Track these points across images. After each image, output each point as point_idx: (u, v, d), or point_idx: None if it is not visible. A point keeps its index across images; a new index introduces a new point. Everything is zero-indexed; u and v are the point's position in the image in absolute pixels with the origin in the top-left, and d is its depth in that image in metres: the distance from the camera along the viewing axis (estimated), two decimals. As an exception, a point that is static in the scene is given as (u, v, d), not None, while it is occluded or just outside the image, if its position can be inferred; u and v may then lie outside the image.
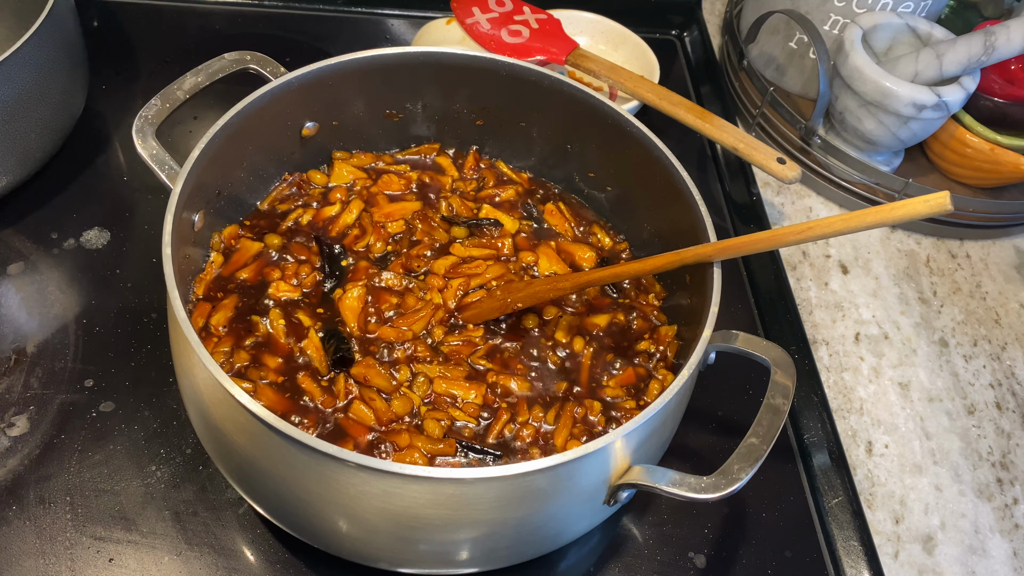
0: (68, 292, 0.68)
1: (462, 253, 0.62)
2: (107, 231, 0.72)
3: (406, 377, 0.55)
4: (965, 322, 0.78)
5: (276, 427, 0.43)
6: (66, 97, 0.73)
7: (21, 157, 0.70)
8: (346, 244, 0.62)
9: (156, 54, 0.88)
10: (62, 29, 0.70)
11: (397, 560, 0.51)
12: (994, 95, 0.81)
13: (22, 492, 0.57)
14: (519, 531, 0.49)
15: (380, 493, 0.44)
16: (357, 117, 0.65)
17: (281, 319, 0.56)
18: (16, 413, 0.61)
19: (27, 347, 0.64)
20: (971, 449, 0.70)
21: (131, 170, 0.77)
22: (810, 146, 0.85)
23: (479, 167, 0.69)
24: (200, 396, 0.49)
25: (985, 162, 0.81)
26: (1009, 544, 0.64)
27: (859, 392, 0.72)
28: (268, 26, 0.93)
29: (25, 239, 0.71)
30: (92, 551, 0.55)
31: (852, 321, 0.76)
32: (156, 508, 0.57)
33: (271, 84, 0.58)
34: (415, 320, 0.57)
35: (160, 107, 0.56)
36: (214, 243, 0.60)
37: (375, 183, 0.66)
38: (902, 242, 0.84)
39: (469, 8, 0.85)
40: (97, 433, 0.60)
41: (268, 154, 0.63)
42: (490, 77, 0.63)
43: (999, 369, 0.75)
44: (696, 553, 0.59)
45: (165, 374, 0.63)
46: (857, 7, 0.83)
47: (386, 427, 0.53)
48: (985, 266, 0.83)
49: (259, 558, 0.56)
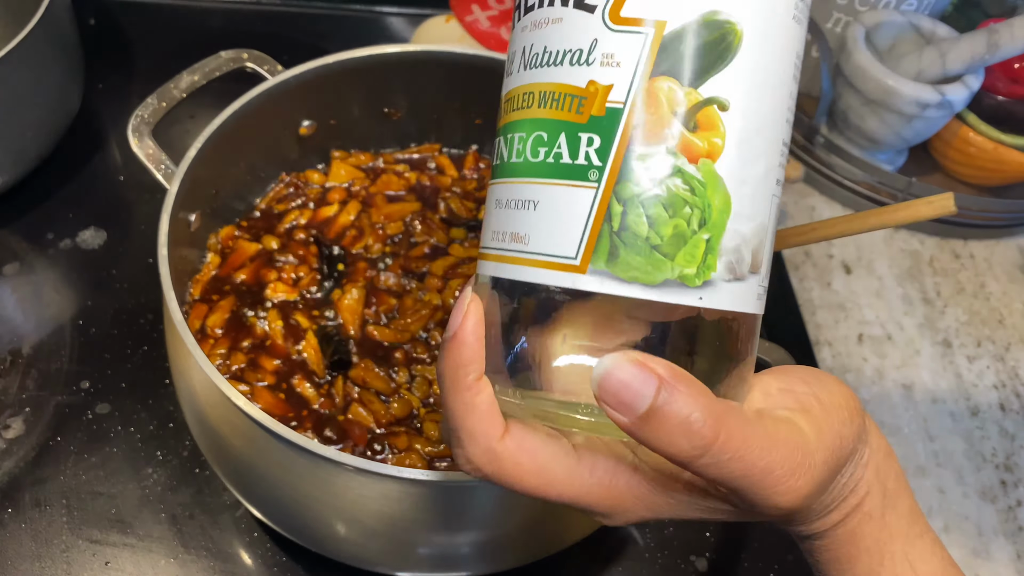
0: (64, 293, 0.67)
1: (461, 254, 0.61)
2: (103, 231, 0.72)
3: (405, 379, 0.55)
4: (969, 323, 0.78)
5: (273, 430, 0.42)
6: (62, 96, 0.73)
7: (16, 156, 0.69)
8: (344, 245, 0.61)
9: (152, 52, 0.87)
10: (58, 27, 0.69)
11: (395, 564, 0.50)
12: (998, 93, 0.81)
13: (17, 495, 0.57)
14: (519, 535, 0.48)
15: (378, 496, 0.44)
16: (355, 116, 0.65)
17: (279, 321, 0.56)
18: (11, 415, 0.60)
19: (22, 348, 0.64)
20: (975, 451, 0.69)
21: (127, 170, 0.77)
22: (813, 145, 0.84)
23: (479, 167, 0.68)
24: (196, 399, 0.48)
25: (989, 161, 0.81)
26: (1013, 547, 0.64)
27: (862, 393, 0.71)
28: (265, 24, 0.93)
29: (20, 239, 0.70)
30: (88, 554, 0.55)
31: (855, 322, 0.76)
32: (152, 511, 0.57)
33: (268, 83, 0.57)
34: (414, 321, 0.57)
35: (156, 106, 0.56)
36: (211, 244, 0.59)
37: (374, 183, 0.65)
38: (905, 242, 0.83)
39: (468, 6, 0.85)
40: (93, 435, 0.60)
41: (265, 153, 0.62)
42: (490, 75, 0.63)
43: (1003, 370, 0.75)
44: (697, 556, 0.59)
45: (161, 376, 0.63)
46: (860, 5, 0.82)
47: (385, 429, 0.52)
48: (989, 266, 0.83)
49: (256, 562, 0.55)
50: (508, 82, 0.29)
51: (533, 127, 0.27)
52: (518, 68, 0.28)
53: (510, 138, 0.28)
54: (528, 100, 0.27)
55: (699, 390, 0.24)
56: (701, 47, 0.25)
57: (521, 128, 0.27)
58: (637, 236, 0.25)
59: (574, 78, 0.26)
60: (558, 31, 0.26)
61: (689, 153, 0.25)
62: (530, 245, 0.26)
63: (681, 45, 0.25)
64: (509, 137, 0.28)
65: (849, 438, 0.28)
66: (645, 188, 0.25)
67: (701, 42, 0.25)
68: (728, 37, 0.25)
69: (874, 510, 0.30)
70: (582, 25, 0.26)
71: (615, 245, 0.25)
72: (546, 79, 0.27)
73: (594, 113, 0.25)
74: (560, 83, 0.26)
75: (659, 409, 0.23)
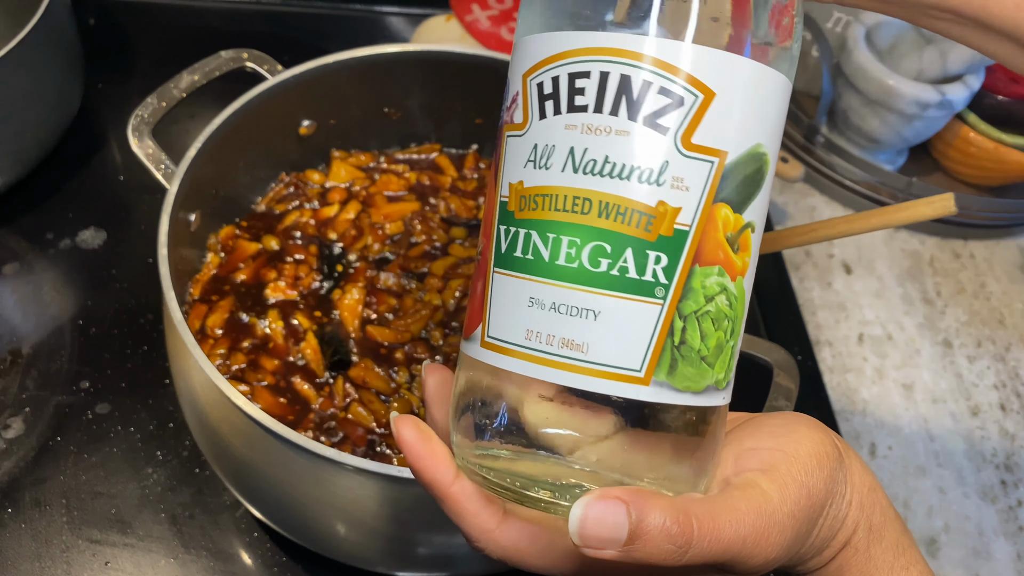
0: (64, 293, 0.67)
1: (461, 254, 0.61)
2: (103, 231, 0.71)
3: (405, 379, 0.54)
4: (969, 323, 0.78)
5: (273, 430, 0.42)
6: (62, 96, 0.73)
7: (16, 156, 0.69)
8: (344, 245, 0.61)
9: (152, 52, 0.87)
10: (58, 27, 0.69)
11: (395, 564, 0.50)
12: (998, 93, 0.80)
13: (17, 495, 0.57)
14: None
15: (378, 496, 0.44)
16: (355, 116, 0.65)
17: (279, 321, 0.56)
18: (11, 415, 0.60)
19: (23, 348, 0.64)
20: (975, 451, 0.69)
21: (127, 169, 0.77)
22: (813, 145, 0.84)
23: (479, 167, 0.68)
24: (196, 399, 0.48)
25: (989, 161, 0.81)
26: (1013, 547, 0.64)
27: (862, 394, 0.71)
28: (265, 24, 0.93)
29: (20, 239, 0.70)
30: (88, 554, 0.55)
31: (855, 322, 0.76)
32: (152, 511, 0.57)
33: (268, 82, 0.57)
34: (414, 321, 0.57)
35: (156, 106, 0.56)
36: (211, 244, 0.59)
37: (373, 183, 0.65)
38: (906, 242, 0.83)
39: (468, 5, 0.85)
40: (93, 435, 0.60)
41: (265, 153, 0.62)
42: (490, 75, 0.63)
43: (1003, 370, 0.75)
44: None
45: (161, 376, 0.63)
46: (860, 5, 0.82)
47: (385, 429, 0.52)
48: (989, 266, 0.83)
49: (256, 562, 0.55)
50: (541, 176, 0.28)
51: (591, 236, 0.27)
52: (562, 167, 0.27)
53: (551, 238, 0.27)
54: (582, 206, 0.27)
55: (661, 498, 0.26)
56: (747, 177, 0.28)
57: (571, 232, 0.27)
58: (692, 349, 0.27)
59: (643, 196, 0.26)
60: (624, 145, 0.26)
61: (731, 272, 0.28)
62: (589, 354, 0.27)
63: (735, 174, 0.27)
64: (549, 237, 0.27)
65: (817, 487, 0.30)
66: (701, 305, 0.27)
67: (748, 172, 0.28)
68: (763, 168, 0.28)
69: (859, 544, 0.32)
70: (653, 144, 0.26)
71: (674, 358, 0.27)
72: (609, 190, 0.27)
73: (663, 233, 0.27)
74: (627, 198, 0.26)
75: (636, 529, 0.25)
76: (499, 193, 0.29)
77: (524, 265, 0.28)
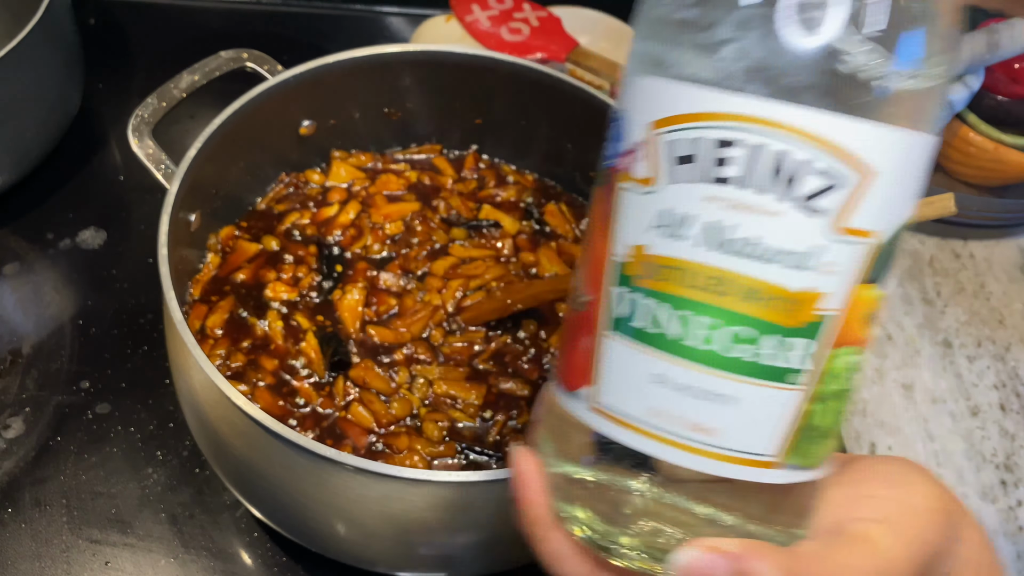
0: (64, 293, 0.67)
1: (461, 254, 0.61)
2: (103, 231, 0.72)
3: (405, 379, 0.54)
4: (969, 323, 0.78)
5: (273, 430, 0.42)
6: (62, 96, 0.73)
7: (16, 156, 0.69)
8: (344, 245, 0.61)
9: (153, 52, 0.87)
10: (58, 27, 0.69)
11: (396, 564, 0.50)
12: (998, 93, 0.80)
13: (17, 495, 0.57)
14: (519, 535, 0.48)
15: (379, 496, 0.44)
16: (355, 116, 0.65)
17: (279, 321, 0.56)
18: (11, 415, 0.60)
19: (23, 348, 0.64)
20: (975, 451, 0.69)
21: (127, 169, 0.77)
22: (812, 145, 0.84)
23: (479, 167, 0.68)
24: (196, 398, 0.48)
25: (989, 161, 0.81)
26: (1013, 547, 0.64)
27: (862, 394, 0.71)
28: (265, 24, 0.93)
29: (20, 239, 0.70)
30: (88, 554, 0.55)
31: (855, 321, 0.76)
32: (153, 511, 0.57)
33: (268, 82, 0.57)
34: (414, 321, 0.57)
35: (156, 106, 0.56)
36: (211, 244, 0.59)
37: (373, 183, 0.65)
38: (905, 242, 0.83)
39: (468, 5, 0.84)
40: (93, 435, 0.60)
41: (265, 153, 0.62)
42: (490, 75, 0.63)
43: (1003, 370, 0.75)
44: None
45: (161, 375, 0.63)
46: (860, 5, 0.82)
47: (385, 429, 0.52)
48: (989, 266, 0.83)
49: (256, 562, 0.55)
50: (671, 247, 0.26)
51: (730, 319, 0.25)
52: (699, 242, 0.25)
53: (683, 316, 0.25)
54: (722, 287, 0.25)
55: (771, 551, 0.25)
56: (890, 255, 0.26)
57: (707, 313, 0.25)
58: (821, 429, 0.27)
59: (788, 281, 0.25)
60: (772, 226, 0.24)
61: (864, 346, 0.27)
62: (719, 439, 0.26)
63: (884, 254, 0.26)
64: (681, 315, 0.25)
65: (933, 542, 0.29)
66: (839, 387, 0.26)
67: (892, 251, 0.26)
68: (898, 244, 0.26)
69: None
70: (805, 228, 0.24)
71: (805, 440, 0.26)
72: (752, 273, 0.25)
73: (805, 319, 0.25)
74: (771, 284, 0.25)
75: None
76: (613, 251, 0.27)
77: (648, 338, 0.26)
